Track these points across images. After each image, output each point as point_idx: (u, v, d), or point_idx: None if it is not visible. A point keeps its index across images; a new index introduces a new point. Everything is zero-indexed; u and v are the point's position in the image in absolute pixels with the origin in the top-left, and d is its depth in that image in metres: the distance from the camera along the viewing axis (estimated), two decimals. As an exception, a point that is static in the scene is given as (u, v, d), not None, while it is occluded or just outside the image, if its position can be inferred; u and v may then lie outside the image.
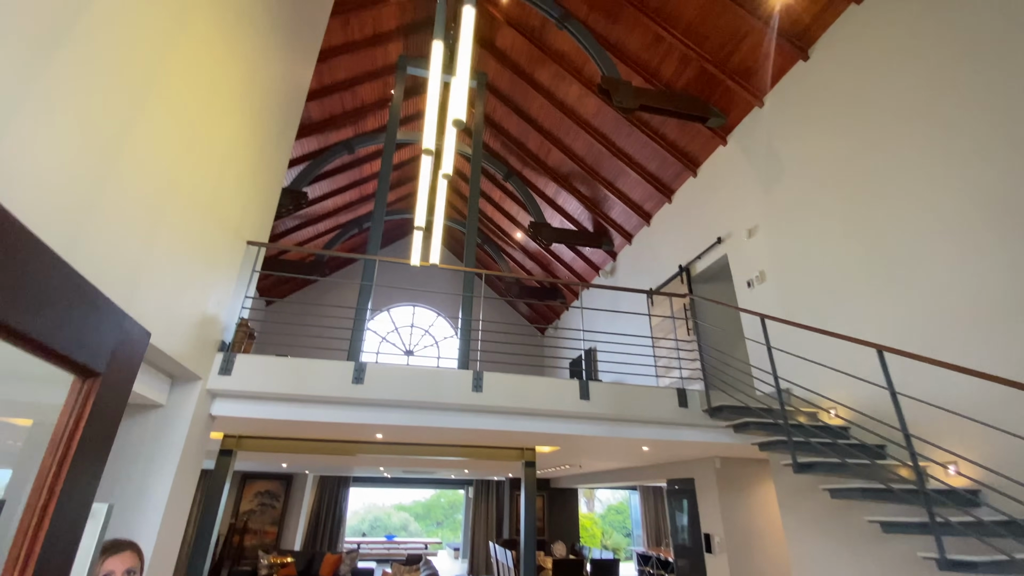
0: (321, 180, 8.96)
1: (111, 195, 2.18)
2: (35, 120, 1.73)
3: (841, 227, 4.29)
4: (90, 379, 0.80)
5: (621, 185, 7.72)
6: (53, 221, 1.84)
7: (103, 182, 2.12)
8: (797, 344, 4.39)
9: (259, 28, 3.82)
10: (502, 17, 6.90)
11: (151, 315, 2.64)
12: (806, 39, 4.74)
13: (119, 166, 2.21)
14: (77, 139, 1.94)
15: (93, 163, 2.04)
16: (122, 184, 2.25)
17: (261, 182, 4.25)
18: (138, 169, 2.37)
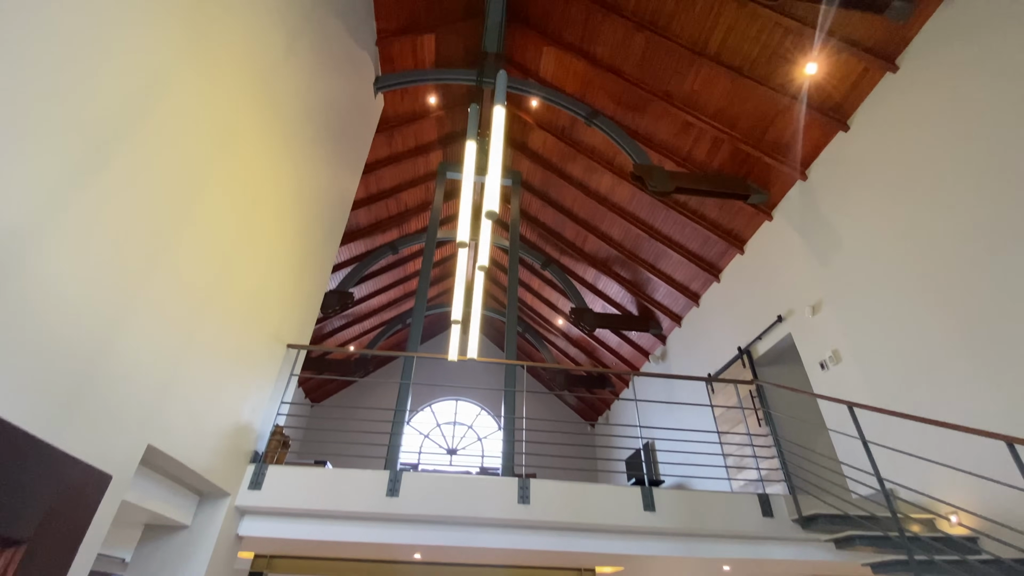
0: (367, 280, 9.28)
1: (145, 307, 2.18)
2: (73, 235, 1.76)
3: (922, 298, 3.83)
4: (8, 550, 0.62)
5: (663, 267, 7.51)
6: (78, 336, 1.81)
7: (137, 295, 2.12)
8: (891, 434, 3.76)
9: (307, 145, 4.13)
10: (533, 121, 7.32)
11: (178, 429, 2.53)
12: (843, 111, 4.65)
13: (156, 279, 2.23)
14: (114, 253, 1.97)
15: (130, 276, 2.06)
16: (158, 296, 2.26)
17: (304, 286, 4.34)
18: (177, 281, 2.40)
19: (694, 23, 4.99)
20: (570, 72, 6.41)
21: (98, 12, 1.77)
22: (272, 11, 3.17)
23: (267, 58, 3.17)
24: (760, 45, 4.74)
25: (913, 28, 3.98)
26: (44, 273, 1.65)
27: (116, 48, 1.86)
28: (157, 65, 2.09)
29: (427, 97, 7.08)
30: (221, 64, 2.61)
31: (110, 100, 1.86)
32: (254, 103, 3.06)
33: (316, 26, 3.99)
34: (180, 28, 2.23)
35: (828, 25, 4.28)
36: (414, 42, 6.23)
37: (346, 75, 5.03)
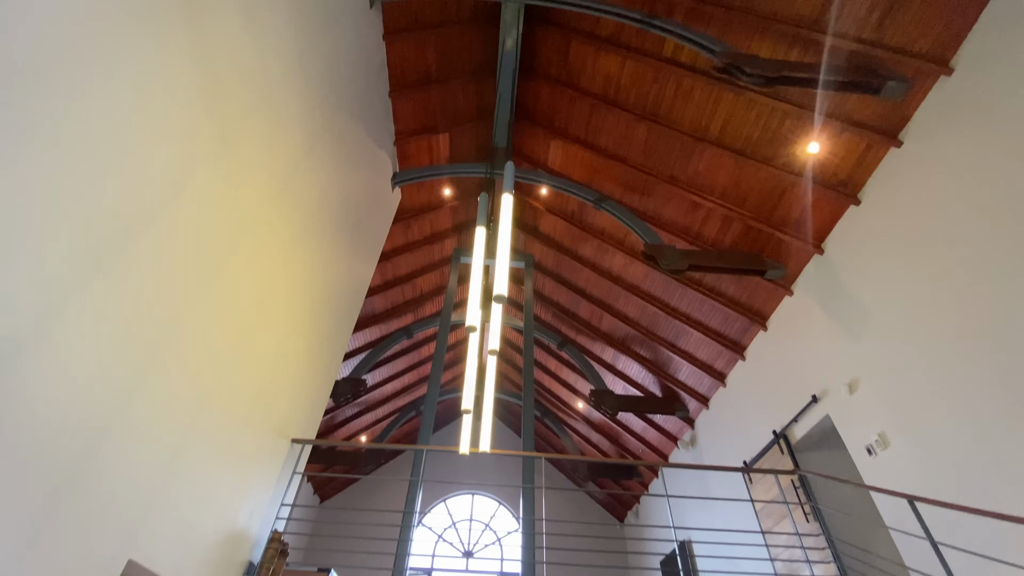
0: (381, 366, 9.17)
1: (140, 409, 2.08)
2: (69, 333, 1.72)
3: (972, 370, 3.54)
4: None
5: (684, 345, 7.27)
6: (60, 441, 1.70)
7: (133, 396, 2.04)
8: (962, 530, 3.28)
9: (323, 238, 4.25)
10: (543, 207, 7.56)
11: (165, 541, 2.31)
12: (851, 186, 4.67)
13: (155, 377, 2.16)
14: (112, 351, 1.92)
15: (126, 375, 1.99)
16: (155, 396, 2.17)
17: (314, 376, 4.24)
18: (176, 379, 2.32)
19: (693, 112, 5.24)
20: (577, 161, 6.71)
21: (119, 115, 1.88)
22: (294, 115, 3.41)
23: (287, 157, 3.36)
24: (760, 128, 4.91)
25: (911, 105, 4.09)
26: (32, 374, 1.59)
27: (135, 149, 1.96)
28: (175, 166, 2.19)
29: (442, 189, 7.43)
30: (241, 164, 2.74)
31: (124, 200, 1.92)
32: (272, 200, 3.18)
33: (336, 128, 4.28)
34: (203, 128, 2.36)
35: (825, 108, 4.44)
36: (430, 141, 6.65)
37: (364, 172, 5.31)
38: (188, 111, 2.23)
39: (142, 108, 1.95)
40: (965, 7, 3.53)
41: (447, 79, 6.04)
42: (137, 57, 1.89)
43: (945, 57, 3.74)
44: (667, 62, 5.10)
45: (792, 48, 4.37)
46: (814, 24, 4.14)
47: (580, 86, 5.94)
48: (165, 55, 2.03)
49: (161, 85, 2.04)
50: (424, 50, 5.65)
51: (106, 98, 1.77)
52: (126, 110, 1.87)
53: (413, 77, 5.79)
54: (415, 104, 6.09)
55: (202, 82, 2.30)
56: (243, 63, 2.66)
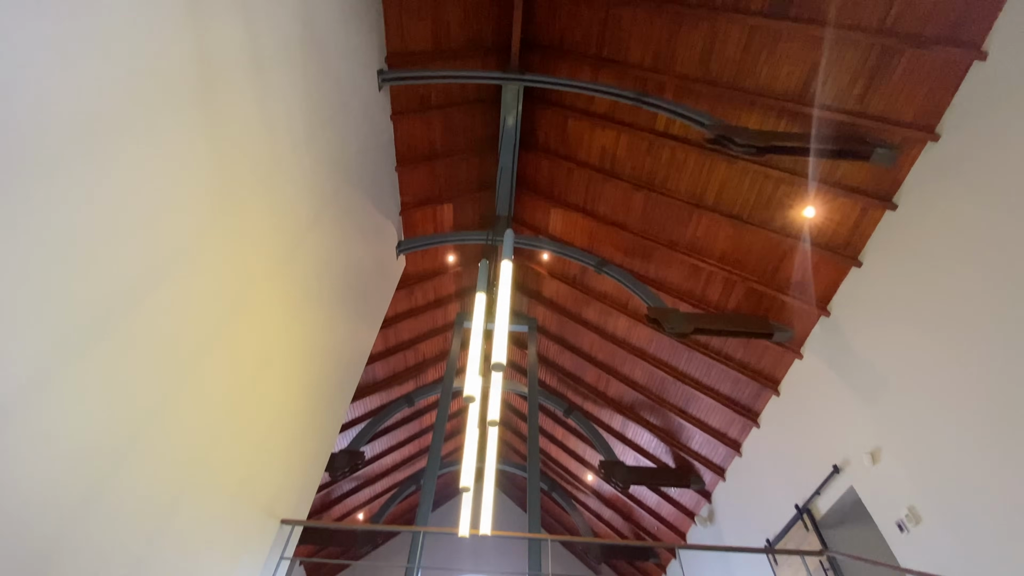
0: (381, 436, 8.85)
1: (118, 489, 1.97)
2: (54, 405, 1.65)
3: (1003, 436, 3.34)
4: None
5: (695, 411, 7.01)
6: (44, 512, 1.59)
7: (112, 473, 1.93)
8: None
9: (325, 305, 4.25)
10: (545, 271, 7.63)
11: (131, 643, 2.09)
12: (851, 249, 4.70)
13: (138, 453, 2.06)
14: (96, 425, 1.84)
15: (108, 452, 1.90)
16: (135, 475, 2.06)
17: (307, 451, 4.07)
18: (161, 454, 2.22)
19: (688, 180, 5.41)
20: (577, 227, 6.85)
21: (127, 185, 1.92)
22: (301, 188, 3.52)
23: (293, 228, 3.43)
24: (755, 194, 5.03)
25: (902, 169, 4.18)
26: (16, 444, 1.51)
27: (141, 218, 1.99)
28: (179, 236, 2.22)
29: (446, 255, 7.55)
30: (245, 235, 2.79)
31: (125, 269, 1.93)
32: (275, 270, 3.21)
33: (343, 200, 4.42)
34: (210, 200, 2.42)
35: (818, 174, 4.56)
36: (434, 210, 6.86)
37: (370, 240, 5.42)
38: (196, 183, 2.30)
39: (150, 179, 2.01)
40: (944, 77, 3.71)
41: (451, 153, 6.33)
42: (150, 130, 1.97)
43: (930, 124, 3.88)
44: (660, 135, 5.34)
45: (780, 119, 4.58)
46: (799, 98, 4.37)
47: (578, 158, 6.19)
48: (177, 129, 2.13)
49: (171, 158, 2.12)
50: (430, 128, 5.97)
51: (116, 169, 1.82)
52: (135, 180, 1.92)
53: (419, 152, 6.07)
54: (420, 176, 6.33)
55: (212, 156, 2.39)
56: (253, 139, 2.79)
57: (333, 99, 3.95)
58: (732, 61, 4.53)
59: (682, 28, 4.61)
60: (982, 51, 3.48)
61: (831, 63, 4.11)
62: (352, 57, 4.25)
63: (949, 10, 3.50)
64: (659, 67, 4.93)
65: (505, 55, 5.53)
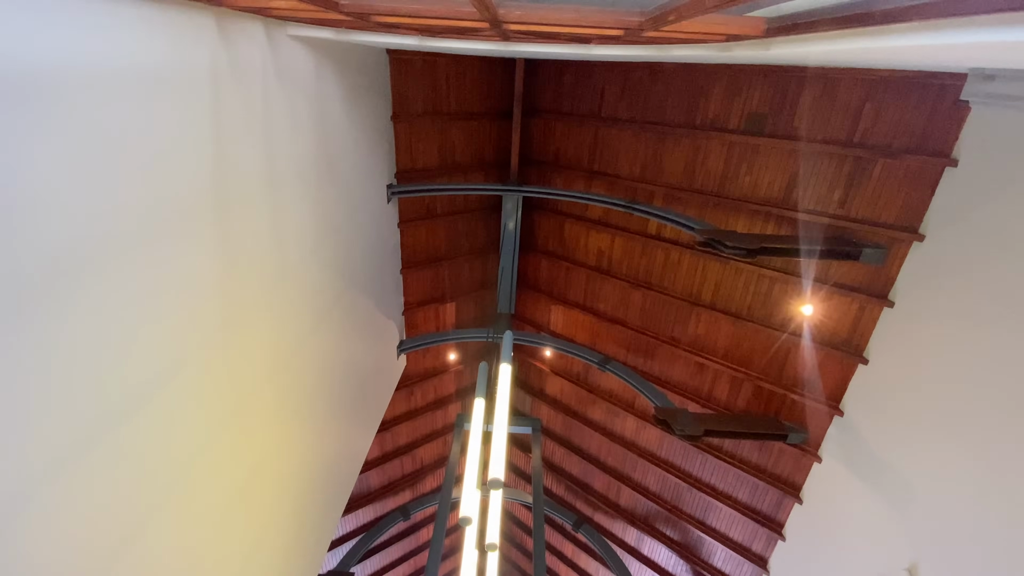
0: (373, 555, 8.11)
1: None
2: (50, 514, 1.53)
3: (1053, 560, 3.03)
4: None
5: (714, 522, 6.46)
6: None
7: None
8: None
9: (322, 411, 4.13)
10: (548, 369, 7.52)
11: None
12: (855, 346, 4.66)
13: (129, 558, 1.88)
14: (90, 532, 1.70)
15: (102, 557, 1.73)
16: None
17: (294, 569, 3.70)
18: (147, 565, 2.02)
19: (684, 280, 5.54)
20: (578, 325, 6.88)
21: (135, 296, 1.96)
22: (306, 294, 3.61)
23: (294, 333, 3.45)
24: (751, 293, 5.12)
25: (894, 267, 4.27)
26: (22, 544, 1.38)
27: (138, 328, 2.00)
28: (178, 348, 2.23)
29: (447, 354, 7.50)
30: (247, 343, 2.80)
31: (117, 381, 1.90)
32: (274, 375, 3.18)
33: (347, 303, 4.50)
34: (214, 310, 2.46)
35: (811, 273, 4.67)
36: (436, 309, 6.96)
37: (371, 341, 5.43)
38: (205, 297, 2.37)
39: (161, 294, 2.06)
40: (919, 182, 3.93)
41: (455, 256, 6.59)
42: (165, 248, 2.06)
43: (913, 225, 4.05)
44: (653, 237, 5.58)
45: (767, 223, 4.80)
46: (783, 203, 4.62)
47: (576, 259, 6.41)
48: (192, 248, 2.23)
49: (183, 275, 2.20)
50: (435, 234, 6.28)
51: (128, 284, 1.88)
52: (143, 293, 1.97)
53: (424, 256, 6.31)
54: (425, 278, 6.52)
55: (223, 271, 2.48)
56: (263, 252, 2.91)
57: (343, 211, 4.20)
58: (715, 172, 4.88)
59: (666, 144, 5.04)
60: (952, 158, 3.72)
61: (808, 172, 4.41)
62: (363, 173, 4.59)
63: (913, 124, 3.82)
64: (647, 178, 5.30)
65: (506, 168, 6.00)
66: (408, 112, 5.12)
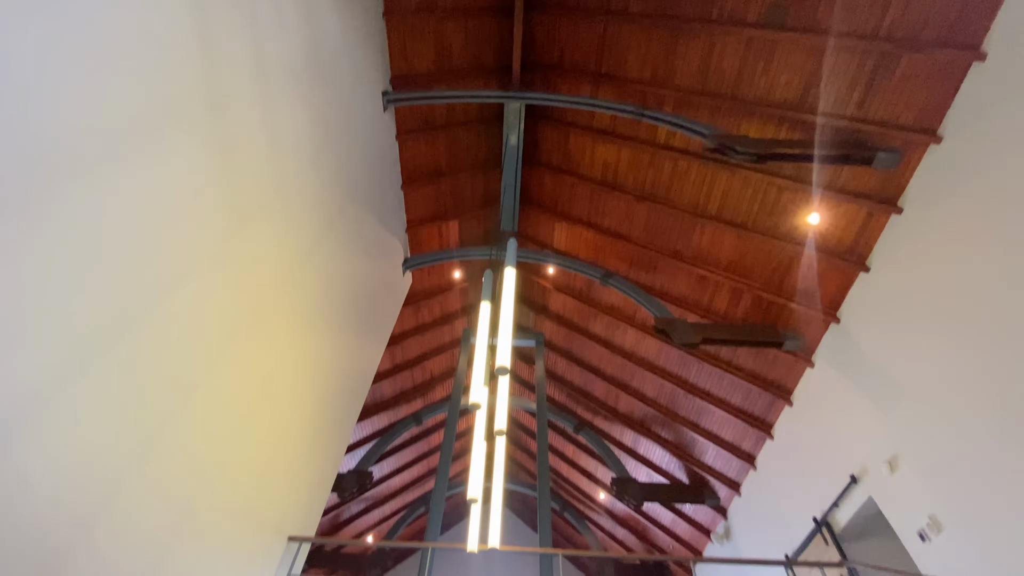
0: (389, 456, 8.77)
1: (128, 500, 1.97)
2: (62, 417, 1.67)
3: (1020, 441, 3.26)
4: None
5: (707, 424, 6.89)
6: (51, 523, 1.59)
7: (122, 485, 1.93)
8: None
9: (332, 323, 4.27)
10: (551, 286, 7.63)
11: (137, 662, 2.06)
12: (858, 254, 4.67)
13: (147, 466, 2.06)
14: (102, 437, 1.85)
15: (116, 464, 1.90)
16: (145, 487, 2.06)
17: (314, 469, 4.04)
18: (169, 468, 2.22)
19: (691, 191, 5.43)
20: (581, 241, 6.88)
21: (136, 201, 1.97)
22: (307, 206, 3.58)
23: (299, 246, 3.48)
24: (758, 203, 5.04)
25: (906, 173, 4.17)
26: (24, 455, 1.52)
27: (144, 234, 2.03)
28: (186, 252, 2.26)
29: (452, 272, 7.59)
30: (252, 251, 2.83)
31: (138, 286, 1.96)
32: (281, 286, 3.25)
33: (349, 218, 4.48)
34: (216, 217, 2.47)
35: (821, 180, 4.57)
36: (440, 227, 6.93)
37: (376, 258, 5.48)
38: (205, 200, 2.36)
39: (160, 196, 2.06)
40: (943, 80, 3.72)
41: (456, 171, 6.42)
42: (160, 148, 2.03)
43: (932, 127, 3.89)
44: (661, 147, 5.39)
45: (780, 127, 4.61)
46: (798, 106, 4.40)
47: (580, 173, 6.25)
48: (187, 148, 2.19)
49: (181, 175, 2.17)
50: (434, 147, 6.08)
51: (126, 185, 1.87)
52: (142, 199, 1.97)
53: (424, 171, 6.16)
54: (426, 195, 6.42)
55: (220, 174, 2.45)
56: (261, 158, 2.85)
57: (339, 120, 4.04)
58: (730, 72, 4.60)
59: (679, 42, 4.70)
60: (981, 52, 3.49)
61: (829, 70, 4.15)
62: (357, 79, 4.36)
63: (945, 13, 3.53)
64: (658, 81, 5.01)
65: (507, 75, 5.65)
66: (402, 6, 4.74)
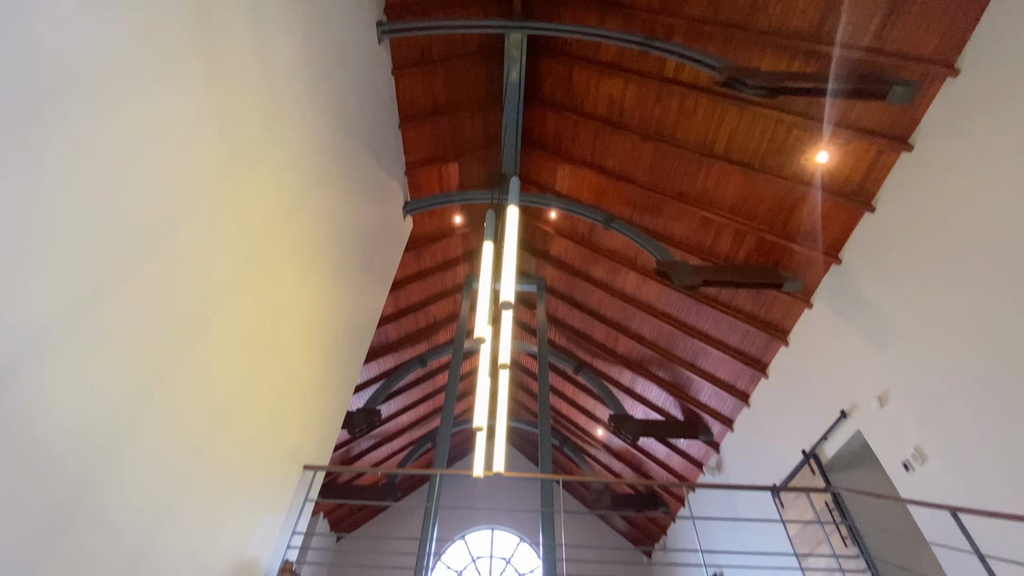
0: (396, 396, 9.10)
1: (147, 429, 2.07)
2: (75, 346, 1.73)
3: (1012, 375, 3.36)
4: None
5: (704, 365, 7.09)
6: (62, 462, 1.69)
7: (140, 415, 2.03)
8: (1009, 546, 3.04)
9: (335, 265, 4.30)
10: (553, 230, 7.60)
11: (173, 566, 2.25)
12: (865, 193, 4.61)
13: (164, 396, 2.16)
14: (120, 367, 1.93)
15: (133, 394, 1.99)
16: (163, 416, 2.16)
17: (326, 404, 4.21)
18: (186, 399, 2.32)
19: (698, 129, 5.28)
20: (584, 184, 6.77)
21: (135, 138, 1.95)
22: (305, 143, 3.51)
23: (298, 184, 3.44)
24: (767, 141, 4.92)
25: (920, 108, 4.05)
26: (50, 383, 1.59)
27: (150, 172, 2.02)
28: (185, 187, 2.25)
29: (453, 217, 7.53)
30: (251, 189, 2.81)
31: (138, 222, 1.97)
32: (283, 226, 3.25)
33: (347, 158, 4.40)
34: (216, 155, 2.44)
35: (832, 116, 4.43)
36: (439, 170, 6.80)
37: (376, 201, 5.42)
38: (200, 134, 2.31)
39: (154, 131, 2.02)
40: (965, 9, 3.54)
41: (455, 110, 6.22)
42: (153, 82, 1.97)
43: (950, 59, 3.73)
44: (669, 82, 5.19)
45: (793, 60, 4.42)
46: (814, 36, 4.19)
47: (584, 110, 6.05)
48: (180, 81, 2.12)
49: (174, 108, 2.12)
50: (432, 83, 5.85)
51: (119, 120, 1.84)
52: (138, 132, 1.94)
53: (422, 109, 5.97)
54: (425, 134, 6.25)
55: (214, 107, 2.39)
56: (254, 92, 2.77)
57: (333, 52, 3.88)
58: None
59: (691, -35, 4.41)
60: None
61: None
62: (351, 8, 4.14)
63: (974, -68, 3.30)
64: (667, 9, 4.74)
65: (508, 4, 5.34)
66: (394, -72, 4.42)
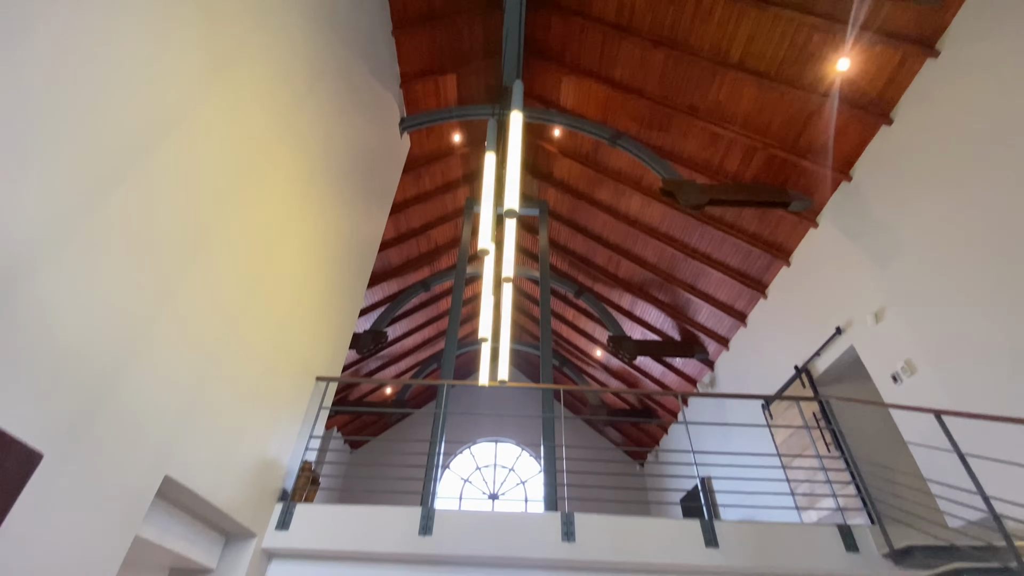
0: (401, 319, 9.30)
1: (166, 326, 2.12)
2: (95, 246, 1.73)
3: (1004, 291, 3.40)
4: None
5: (704, 286, 7.16)
6: (92, 352, 1.75)
7: (159, 312, 2.07)
8: (987, 449, 3.24)
9: (333, 183, 4.20)
10: (556, 150, 7.34)
11: (199, 462, 2.42)
12: (883, 105, 4.39)
13: (178, 299, 2.19)
14: (136, 268, 1.94)
15: (151, 293, 2.02)
16: (179, 316, 2.21)
17: (333, 321, 4.30)
18: (199, 303, 2.35)
19: (714, 33, 4.92)
20: (591, 98, 6.43)
21: (119, 41, 1.82)
22: (295, 46, 3.29)
23: (290, 92, 3.27)
24: (786, 46, 4.60)
25: (950, 11, 3.76)
26: (59, 283, 1.61)
27: (136, 75, 1.91)
28: (178, 92, 2.14)
29: (452, 135, 7.25)
30: (243, 94, 2.67)
31: (129, 125, 1.89)
32: (278, 136, 3.13)
33: (340, 65, 4.15)
34: (201, 58, 2.29)
35: (858, 19, 4.11)
36: (436, 83, 6.44)
37: (371, 116, 5.19)
38: (183, 35, 2.16)
39: (137, 33, 1.88)
40: None
41: (452, 14, 5.76)
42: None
43: (994, -53, 3.39)
44: (685, -22, 4.76)
45: (823, -50, 4.02)
46: (848, -80, 3.78)
47: (592, 13, 5.61)
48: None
49: (159, 16, 1.96)
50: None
51: (99, 20, 1.70)
52: (120, 35, 1.80)
53: (416, 11, 5.54)
54: (420, 42, 5.85)
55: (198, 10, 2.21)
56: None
57: (317, -60, 3.52)
58: None
59: None
60: None
61: None
62: None
63: None
64: None
65: None
66: None
